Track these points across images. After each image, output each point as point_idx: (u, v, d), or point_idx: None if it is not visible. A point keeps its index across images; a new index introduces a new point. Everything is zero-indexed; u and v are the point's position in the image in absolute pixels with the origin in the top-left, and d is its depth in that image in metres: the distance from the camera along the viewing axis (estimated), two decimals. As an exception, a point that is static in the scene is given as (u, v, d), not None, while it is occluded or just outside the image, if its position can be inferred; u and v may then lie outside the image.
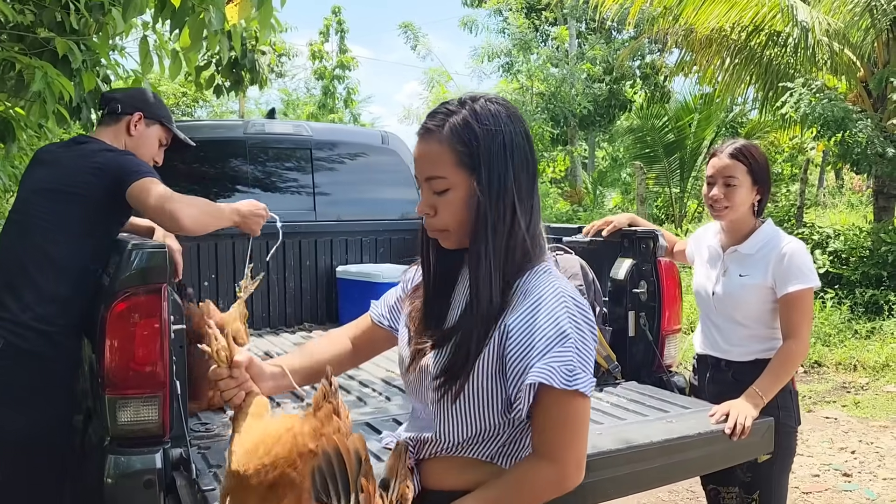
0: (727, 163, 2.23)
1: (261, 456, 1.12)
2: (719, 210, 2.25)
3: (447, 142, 1.17)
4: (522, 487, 1.16)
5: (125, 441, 1.87)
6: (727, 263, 2.29)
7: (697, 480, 3.98)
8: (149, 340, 1.87)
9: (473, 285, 1.18)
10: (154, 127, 2.48)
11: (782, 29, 9.31)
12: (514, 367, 1.15)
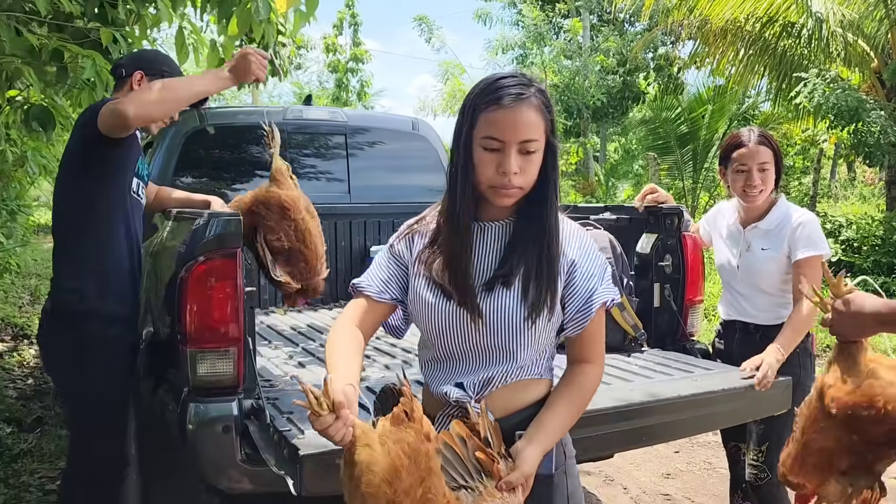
0: (757, 149, 2.39)
1: (404, 479, 1.19)
2: (754, 195, 2.41)
3: (538, 109, 1.35)
4: (586, 391, 1.45)
5: (203, 391, 2.06)
6: (749, 239, 2.47)
7: (715, 453, 4.18)
8: (224, 301, 2.07)
9: (547, 231, 1.39)
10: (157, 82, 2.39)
11: (796, 20, 9.43)
12: (580, 292, 1.41)
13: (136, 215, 2.43)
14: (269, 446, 1.95)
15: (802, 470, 1.66)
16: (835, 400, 1.55)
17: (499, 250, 1.43)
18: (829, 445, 1.59)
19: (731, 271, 2.52)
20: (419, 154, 4.26)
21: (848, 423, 1.54)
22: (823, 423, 1.59)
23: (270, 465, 1.89)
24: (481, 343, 1.42)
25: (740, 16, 9.79)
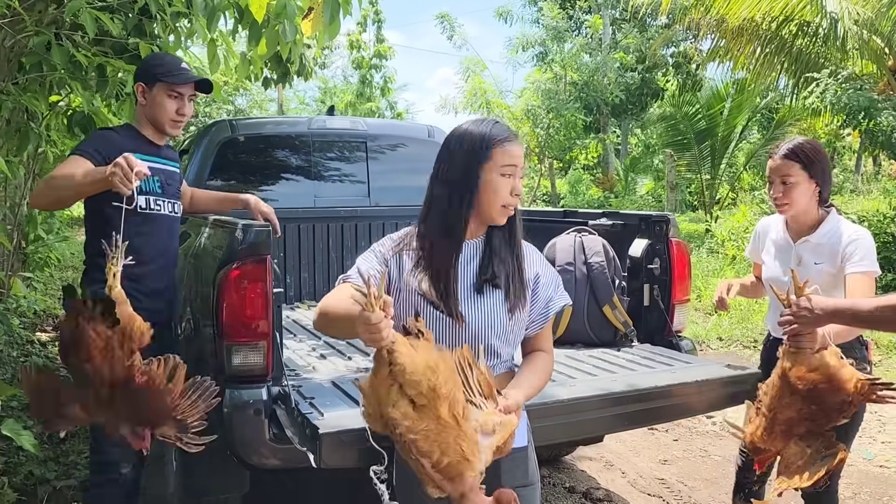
0: (780, 163, 2.38)
1: (442, 370, 1.49)
2: (780, 207, 2.41)
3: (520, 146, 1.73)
4: (544, 374, 1.80)
5: (237, 379, 2.37)
6: (800, 253, 2.42)
7: (711, 441, 4.42)
8: (256, 300, 2.37)
9: (518, 241, 1.75)
10: (156, 87, 2.51)
11: (812, 19, 9.52)
12: (542, 299, 1.79)
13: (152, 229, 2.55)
14: (293, 427, 2.25)
15: (770, 437, 2.02)
16: (801, 378, 1.93)
17: (475, 260, 1.74)
18: (792, 415, 1.97)
19: (782, 287, 2.32)
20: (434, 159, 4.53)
21: (809, 396, 1.93)
22: (789, 398, 1.96)
23: (295, 443, 2.18)
24: (468, 342, 1.68)
25: (756, 14, 9.90)
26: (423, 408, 1.47)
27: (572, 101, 14.21)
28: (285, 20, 3.57)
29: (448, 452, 1.48)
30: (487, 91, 15.58)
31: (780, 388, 1.99)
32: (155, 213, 2.57)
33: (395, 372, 1.46)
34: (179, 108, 2.55)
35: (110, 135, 2.56)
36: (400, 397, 1.48)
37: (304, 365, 2.79)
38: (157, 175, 2.56)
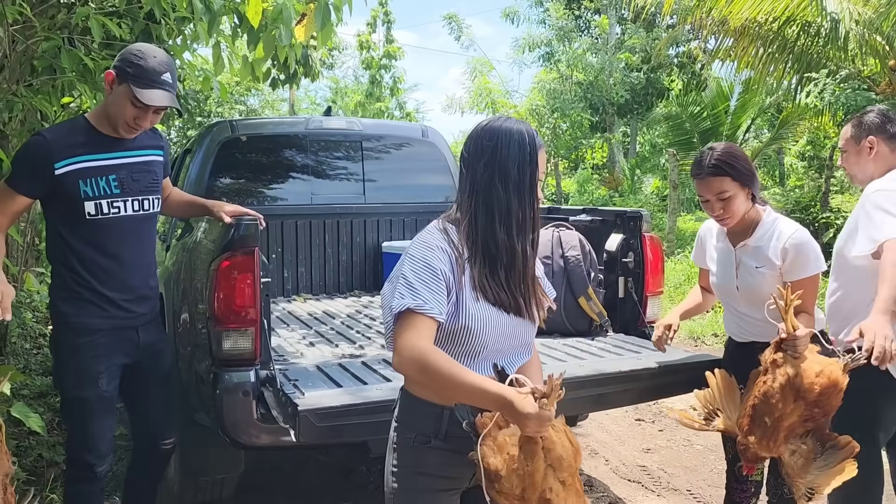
0: (710, 181, 2.29)
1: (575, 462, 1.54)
2: (723, 222, 2.36)
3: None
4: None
5: (227, 363, 2.53)
6: (739, 257, 2.39)
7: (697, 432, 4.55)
8: (244, 289, 2.53)
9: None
10: (123, 86, 2.28)
11: (813, 20, 9.60)
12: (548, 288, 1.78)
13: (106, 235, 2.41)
14: (278, 407, 2.42)
15: (774, 445, 2.10)
16: (811, 384, 2.01)
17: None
18: (795, 421, 2.07)
19: (730, 293, 2.44)
20: (428, 158, 4.70)
21: (816, 401, 2.03)
22: (793, 404, 2.05)
23: (279, 422, 2.36)
24: (523, 339, 1.69)
25: (758, 15, 9.99)
26: (569, 486, 1.51)
27: (578, 101, 14.33)
28: (281, 25, 3.75)
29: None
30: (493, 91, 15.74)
31: (785, 396, 2.05)
32: (109, 218, 2.38)
33: (550, 459, 1.48)
34: (138, 117, 2.33)
35: (37, 150, 2.30)
36: (555, 482, 1.49)
37: (293, 351, 2.96)
38: (112, 173, 2.36)
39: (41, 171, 2.28)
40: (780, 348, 2.09)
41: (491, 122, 1.66)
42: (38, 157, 2.29)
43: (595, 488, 3.67)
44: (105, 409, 2.47)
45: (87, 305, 2.37)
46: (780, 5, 9.72)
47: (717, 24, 10.56)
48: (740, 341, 2.48)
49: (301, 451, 3.89)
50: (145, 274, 2.54)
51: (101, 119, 2.39)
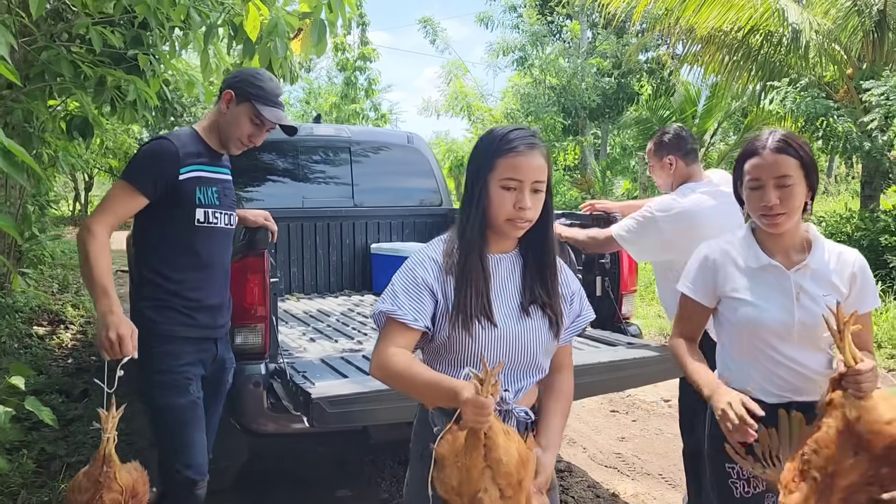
0: (775, 158, 1.79)
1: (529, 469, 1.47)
2: (773, 218, 1.81)
3: (545, 157, 1.62)
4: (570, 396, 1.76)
5: (239, 356, 2.73)
6: (800, 283, 1.85)
7: (666, 422, 4.85)
8: (254, 288, 2.75)
9: (554, 260, 1.66)
10: (244, 105, 2.37)
11: (776, 29, 10.01)
12: (575, 313, 1.74)
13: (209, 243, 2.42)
14: (289, 396, 2.63)
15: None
16: (877, 434, 1.55)
17: (514, 278, 1.67)
18: (855, 480, 1.58)
19: (781, 333, 1.85)
20: (413, 164, 4.94)
21: (885, 456, 1.55)
22: (852, 458, 1.58)
23: (291, 410, 2.57)
24: (514, 360, 1.64)
25: (724, 25, 10.37)
26: (508, 498, 1.44)
27: (551, 105, 14.66)
28: (276, 38, 3.94)
29: None
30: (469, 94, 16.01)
31: (842, 446, 1.59)
32: (212, 227, 2.41)
33: (489, 458, 1.43)
34: (253, 134, 2.42)
35: (168, 154, 2.30)
36: (491, 485, 1.44)
37: (296, 347, 3.17)
38: (215, 186, 2.42)
39: (168, 174, 2.27)
40: (839, 386, 1.65)
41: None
42: (168, 160, 2.28)
43: (574, 473, 3.93)
44: (199, 418, 2.35)
45: (174, 314, 2.31)
46: (745, 15, 10.11)
47: (684, 31, 10.94)
48: (772, 402, 1.86)
49: (299, 443, 4.10)
50: (226, 286, 2.53)
51: (211, 133, 2.43)
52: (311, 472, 3.94)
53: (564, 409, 1.73)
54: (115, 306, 2.10)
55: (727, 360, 1.96)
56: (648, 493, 3.76)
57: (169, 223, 2.32)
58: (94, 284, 2.13)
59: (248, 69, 2.55)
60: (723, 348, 1.99)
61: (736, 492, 1.91)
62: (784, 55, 10.22)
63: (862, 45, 9.68)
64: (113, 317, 2.08)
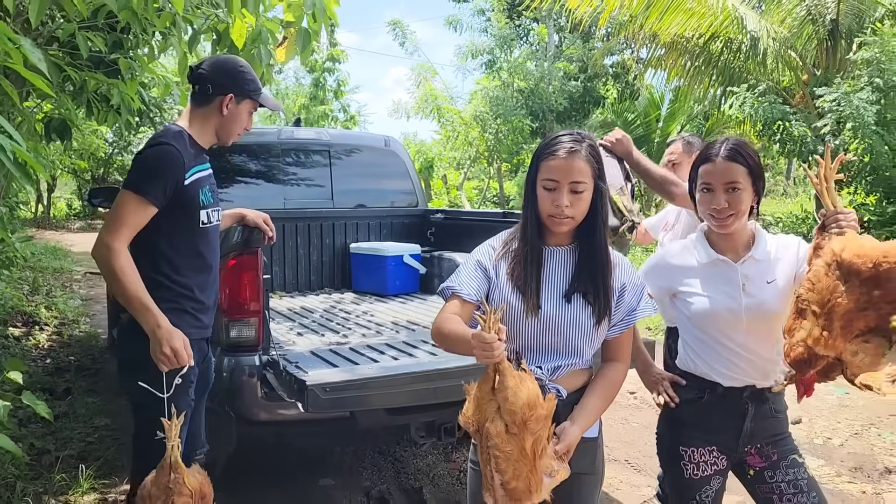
0: (727, 166, 1.96)
1: (538, 409, 1.59)
2: (723, 220, 1.98)
3: (587, 160, 1.77)
4: (615, 384, 1.88)
5: (234, 348, 2.90)
6: (745, 274, 2.02)
7: (631, 413, 5.11)
8: (248, 285, 2.91)
9: (603, 256, 1.80)
10: (245, 102, 2.44)
11: (735, 36, 10.39)
12: (628, 306, 1.85)
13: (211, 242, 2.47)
14: (282, 385, 2.80)
15: (832, 338, 1.74)
16: (860, 255, 1.71)
17: (566, 268, 1.83)
18: (851, 307, 1.71)
19: (731, 319, 2.02)
20: (390, 166, 5.12)
21: (872, 279, 1.69)
22: (844, 286, 1.72)
23: (285, 398, 2.74)
24: (554, 341, 1.82)
25: (686, 31, 10.73)
26: (513, 434, 1.58)
27: (519, 108, 14.94)
28: (260, 45, 4.09)
29: (519, 479, 1.60)
30: (438, 97, 16.22)
31: (833, 277, 1.75)
32: (214, 227, 2.48)
33: (497, 394, 1.61)
34: (248, 124, 2.52)
35: (175, 160, 2.27)
36: (497, 417, 1.60)
37: (286, 340, 3.34)
38: (208, 184, 2.44)
39: (174, 181, 2.25)
40: (823, 231, 1.86)
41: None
42: (174, 167, 2.26)
43: (546, 460, 4.14)
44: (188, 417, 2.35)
45: (185, 316, 2.31)
46: (706, 23, 10.46)
47: (648, 37, 11.28)
48: (729, 385, 2.06)
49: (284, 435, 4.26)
50: (218, 281, 2.55)
51: (203, 132, 2.42)
52: (295, 463, 4.11)
53: (603, 392, 1.84)
54: (161, 319, 2.14)
55: (688, 351, 2.15)
56: (616, 478, 4.00)
57: (176, 227, 2.31)
58: (131, 301, 2.13)
59: (225, 64, 2.49)
60: (683, 341, 2.17)
61: (686, 472, 2.10)
62: (743, 61, 10.61)
63: (816, 52, 10.10)
64: (162, 331, 2.12)
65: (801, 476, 2.04)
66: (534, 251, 1.82)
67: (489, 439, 1.60)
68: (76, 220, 24.33)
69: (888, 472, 4.06)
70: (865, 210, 8.62)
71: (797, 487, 2.02)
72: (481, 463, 1.67)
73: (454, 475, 3.96)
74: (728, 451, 2.09)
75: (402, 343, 3.26)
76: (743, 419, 2.06)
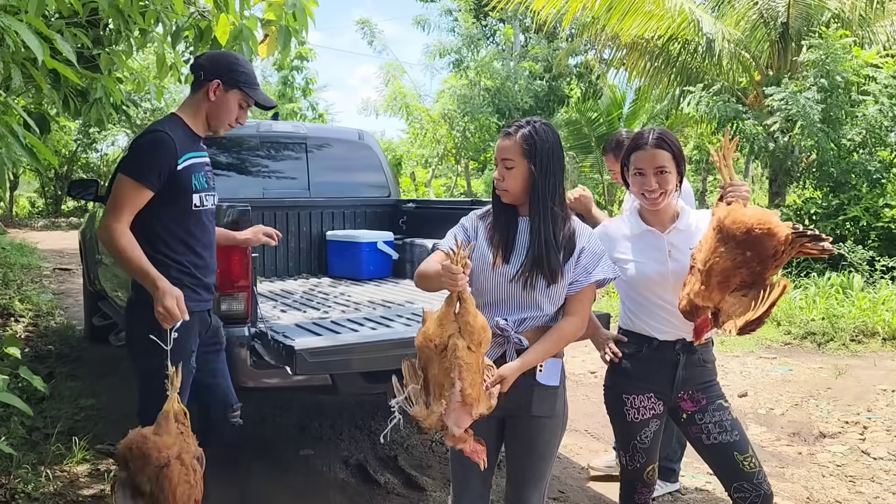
0: (654, 153, 2.26)
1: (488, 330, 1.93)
2: (654, 199, 2.28)
3: (517, 143, 2.10)
4: (564, 334, 2.12)
5: (225, 321, 3.13)
6: (671, 242, 2.33)
7: (592, 391, 5.45)
8: (238, 262, 3.15)
9: (550, 224, 2.09)
10: (232, 92, 2.53)
11: (692, 38, 10.85)
12: (584, 268, 2.12)
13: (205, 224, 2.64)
14: (271, 353, 3.05)
15: (708, 291, 2.06)
16: (737, 221, 2.02)
17: (527, 234, 2.12)
18: (727, 265, 2.03)
19: (660, 281, 2.32)
20: (364, 159, 5.39)
21: (745, 242, 2.01)
22: (724, 248, 2.04)
23: (274, 364, 3.00)
24: (518, 295, 2.10)
25: (645, 33, 11.15)
26: (471, 351, 1.88)
27: (486, 106, 15.28)
28: (242, 42, 4.32)
29: (474, 387, 1.88)
30: (407, 95, 16.49)
31: (716, 240, 2.06)
32: (206, 210, 2.63)
33: (459, 318, 1.89)
34: (240, 117, 2.61)
35: (167, 145, 2.44)
36: (459, 337, 1.88)
37: (271, 316, 3.59)
38: (202, 169, 2.60)
39: (167, 166, 2.42)
40: (721, 199, 2.15)
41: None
42: (167, 152, 2.42)
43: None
44: (187, 387, 2.52)
45: (185, 290, 2.43)
46: (664, 25, 10.90)
47: (610, 38, 11.68)
48: (663, 339, 2.36)
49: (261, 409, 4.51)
50: (214, 260, 2.74)
51: (196, 119, 2.57)
52: (276, 435, 4.36)
53: (551, 337, 2.10)
54: (159, 281, 2.32)
55: (627, 311, 2.46)
56: (576, 444, 4.33)
57: (168, 210, 2.47)
58: (135, 271, 2.35)
59: (221, 55, 2.70)
60: (623, 302, 2.49)
61: (628, 417, 2.40)
62: (700, 62, 11.08)
63: (769, 53, 10.59)
64: (158, 291, 2.31)
65: (725, 418, 2.34)
66: (502, 216, 2.15)
67: (456, 351, 1.86)
68: (39, 218, 24.08)
69: (822, 437, 4.45)
70: (812, 203, 9.11)
71: (721, 427, 2.33)
72: (440, 374, 1.89)
73: (426, 445, 4.24)
74: (664, 396, 2.39)
75: (379, 317, 3.53)
76: (676, 368, 2.35)
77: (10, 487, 3.38)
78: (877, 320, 6.73)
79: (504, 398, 2.02)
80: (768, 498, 2.28)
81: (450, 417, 1.90)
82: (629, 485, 2.51)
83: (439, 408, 1.90)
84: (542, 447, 2.18)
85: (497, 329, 2.07)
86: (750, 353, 6.46)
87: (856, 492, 3.67)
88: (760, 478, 2.29)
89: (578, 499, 3.61)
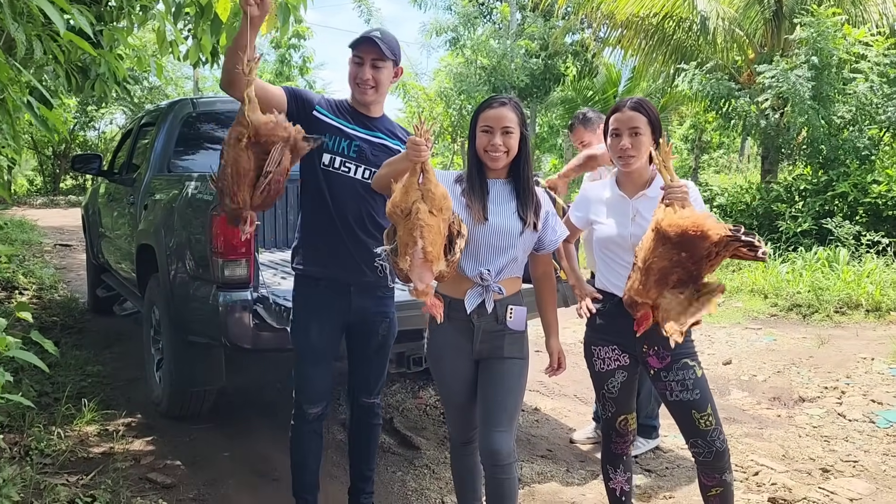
0: (631, 115, 2.43)
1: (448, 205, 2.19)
2: (627, 159, 2.45)
3: (514, 111, 2.36)
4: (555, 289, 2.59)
5: (228, 286, 3.30)
6: (636, 208, 2.48)
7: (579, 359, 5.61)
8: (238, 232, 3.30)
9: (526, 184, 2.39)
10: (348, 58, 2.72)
11: (687, 16, 10.92)
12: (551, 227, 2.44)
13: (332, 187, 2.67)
14: (272, 316, 3.21)
15: (646, 289, 2.20)
16: (672, 225, 2.15)
17: (506, 194, 2.39)
18: (665, 265, 2.17)
19: (621, 243, 2.49)
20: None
21: (680, 243, 2.14)
22: (661, 248, 2.17)
23: (275, 325, 3.16)
24: (498, 247, 2.35)
25: (640, 11, 11.21)
26: (433, 215, 2.15)
27: (482, 84, 15.35)
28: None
29: (434, 247, 2.13)
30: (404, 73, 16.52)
31: (654, 241, 2.19)
32: (338, 174, 2.66)
33: (422, 186, 2.16)
34: (357, 73, 2.64)
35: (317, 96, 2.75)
36: (422, 202, 2.14)
37: (272, 283, 3.75)
38: (356, 142, 2.67)
39: (307, 100, 2.67)
40: (663, 202, 2.25)
41: None
42: (311, 94, 2.75)
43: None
44: (314, 360, 2.74)
45: (309, 253, 2.73)
46: (659, 2, 10.97)
47: (605, 16, 11.74)
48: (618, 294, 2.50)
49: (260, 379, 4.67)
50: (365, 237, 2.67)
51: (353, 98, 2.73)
52: (277, 398, 4.53)
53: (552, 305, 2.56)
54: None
55: (598, 270, 2.65)
56: (564, 408, 4.52)
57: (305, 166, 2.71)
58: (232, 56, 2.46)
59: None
60: (594, 262, 2.69)
61: (596, 367, 2.61)
62: (695, 40, 11.16)
63: (763, 31, 10.68)
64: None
65: (688, 377, 2.45)
66: (476, 176, 2.39)
67: (419, 214, 2.13)
68: (38, 196, 24.13)
69: (801, 401, 4.64)
70: (802, 180, 9.26)
71: (683, 386, 2.46)
72: (405, 235, 2.15)
73: (421, 409, 4.42)
74: (628, 349, 2.54)
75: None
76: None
77: (24, 445, 3.55)
78: (861, 293, 6.90)
79: (481, 344, 2.40)
80: (721, 454, 2.44)
81: (413, 272, 2.15)
82: (605, 435, 2.71)
83: (405, 264, 2.14)
84: (512, 381, 2.43)
85: (479, 279, 2.34)
86: (736, 324, 6.65)
87: (829, 450, 3.85)
88: (714, 436, 2.43)
89: (565, 456, 3.80)
